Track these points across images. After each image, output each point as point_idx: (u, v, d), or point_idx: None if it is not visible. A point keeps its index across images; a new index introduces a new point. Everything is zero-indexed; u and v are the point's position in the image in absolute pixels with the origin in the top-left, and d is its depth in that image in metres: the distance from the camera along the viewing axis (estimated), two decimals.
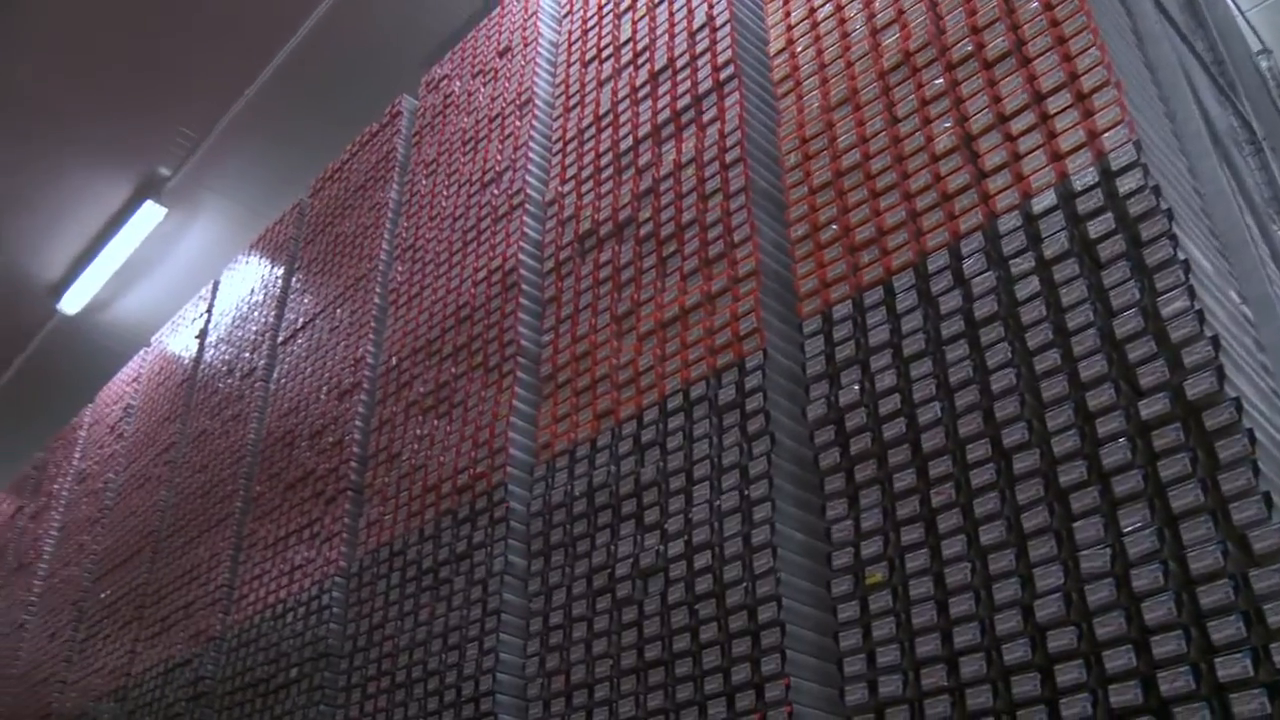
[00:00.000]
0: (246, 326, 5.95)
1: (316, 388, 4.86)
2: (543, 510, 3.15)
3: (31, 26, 7.25)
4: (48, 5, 7.05)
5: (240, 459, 5.21)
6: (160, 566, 5.50)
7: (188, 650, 4.75)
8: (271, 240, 6.18)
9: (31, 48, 7.40)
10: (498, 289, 3.86)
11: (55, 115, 7.95)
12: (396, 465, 3.97)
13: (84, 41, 7.30)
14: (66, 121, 7.99)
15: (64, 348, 10.67)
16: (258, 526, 4.73)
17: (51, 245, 9.34)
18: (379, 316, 4.67)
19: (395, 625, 3.49)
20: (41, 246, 9.38)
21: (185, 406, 6.24)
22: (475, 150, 4.47)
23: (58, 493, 7.84)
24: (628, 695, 2.56)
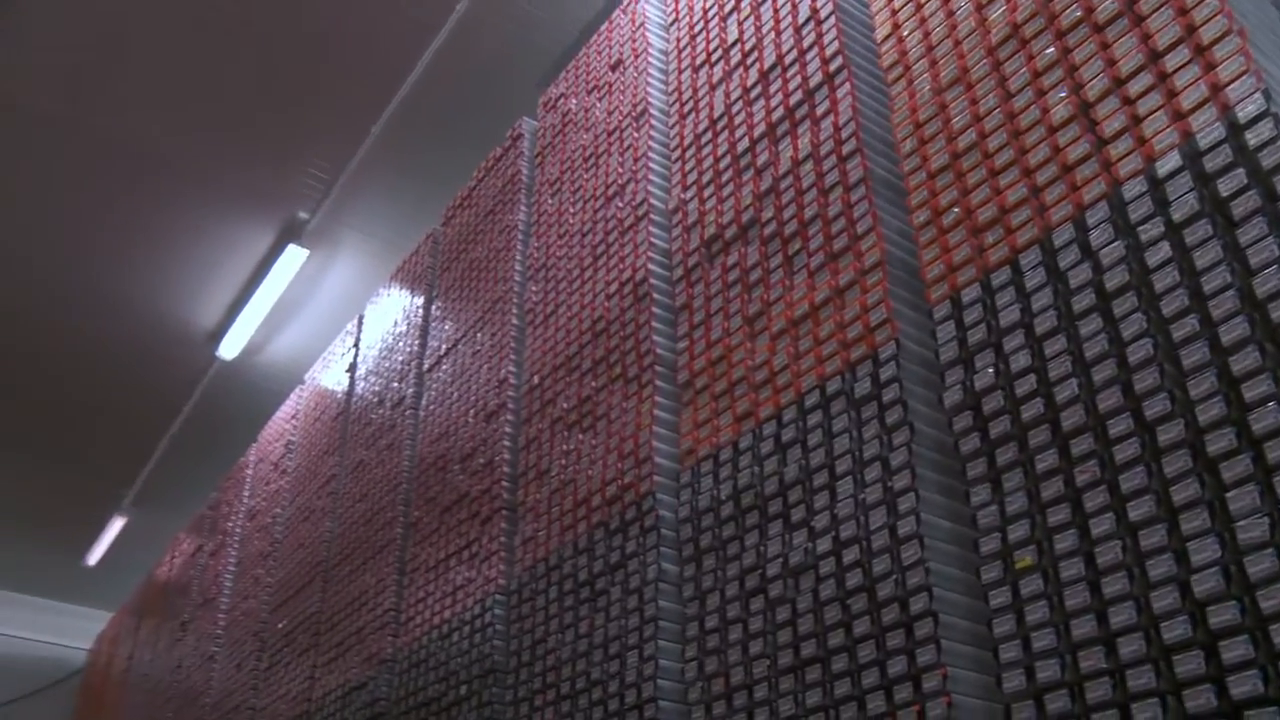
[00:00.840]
0: (393, 357, 6.13)
1: (464, 411, 4.98)
2: (691, 516, 3.19)
3: (165, 95, 7.63)
4: (177, 73, 7.40)
5: (397, 486, 5.37)
6: (331, 595, 5.71)
7: (362, 673, 4.93)
8: (410, 271, 6.36)
9: (167, 114, 7.77)
10: (630, 300, 3.91)
11: (197, 174, 8.35)
12: (546, 481, 4.05)
13: (213, 100, 7.65)
14: (208, 179, 8.38)
15: (226, 392, 11.18)
16: (419, 550, 4.88)
17: (206, 295, 9.80)
18: (518, 337, 4.77)
19: (556, 638, 3.57)
20: (197, 298, 9.86)
21: (342, 439, 6.47)
22: (596, 165, 4.53)
23: (232, 530, 8.20)
24: (786, 694, 2.58)
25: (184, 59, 7.34)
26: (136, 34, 7.19)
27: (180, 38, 7.18)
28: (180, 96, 7.66)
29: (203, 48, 7.24)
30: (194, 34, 7.15)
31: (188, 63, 7.37)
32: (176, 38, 7.19)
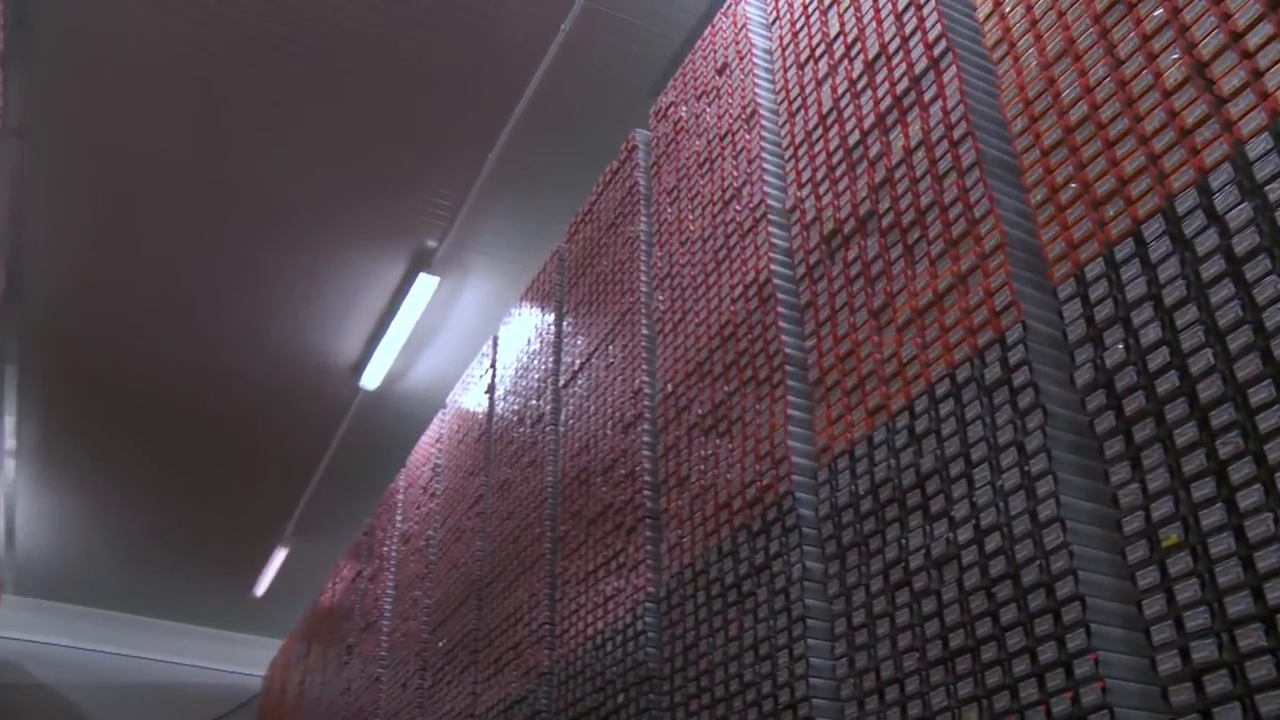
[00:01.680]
0: (529, 375, 6.25)
1: (602, 424, 5.06)
2: (831, 513, 3.20)
3: (288, 142, 7.92)
4: (297, 120, 7.67)
5: (543, 502, 5.47)
6: (487, 612, 5.85)
7: (522, 687, 5.04)
8: (538, 289, 6.47)
9: (292, 160, 8.07)
10: (755, 302, 3.92)
11: (325, 214, 8.65)
12: (687, 488, 4.09)
13: (334, 142, 7.92)
14: (337, 217, 8.68)
15: (371, 421, 11.54)
16: (568, 564, 4.97)
17: (345, 329, 10.13)
18: (649, 347, 4.82)
19: (707, 642, 3.61)
20: (337, 332, 10.20)
21: (486, 459, 6.61)
22: (711, 170, 4.56)
23: (388, 554, 8.44)
24: (938, 686, 2.57)
25: (302, 105, 7.61)
26: (255, 84, 7.48)
27: (296, 85, 7.45)
28: (302, 142, 7.95)
29: (319, 92, 7.50)
30: (309, 80, 7.41)
31: (306, 108, 7.64)
32: (293, 85, 7.46)
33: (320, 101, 7.58)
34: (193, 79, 7.48)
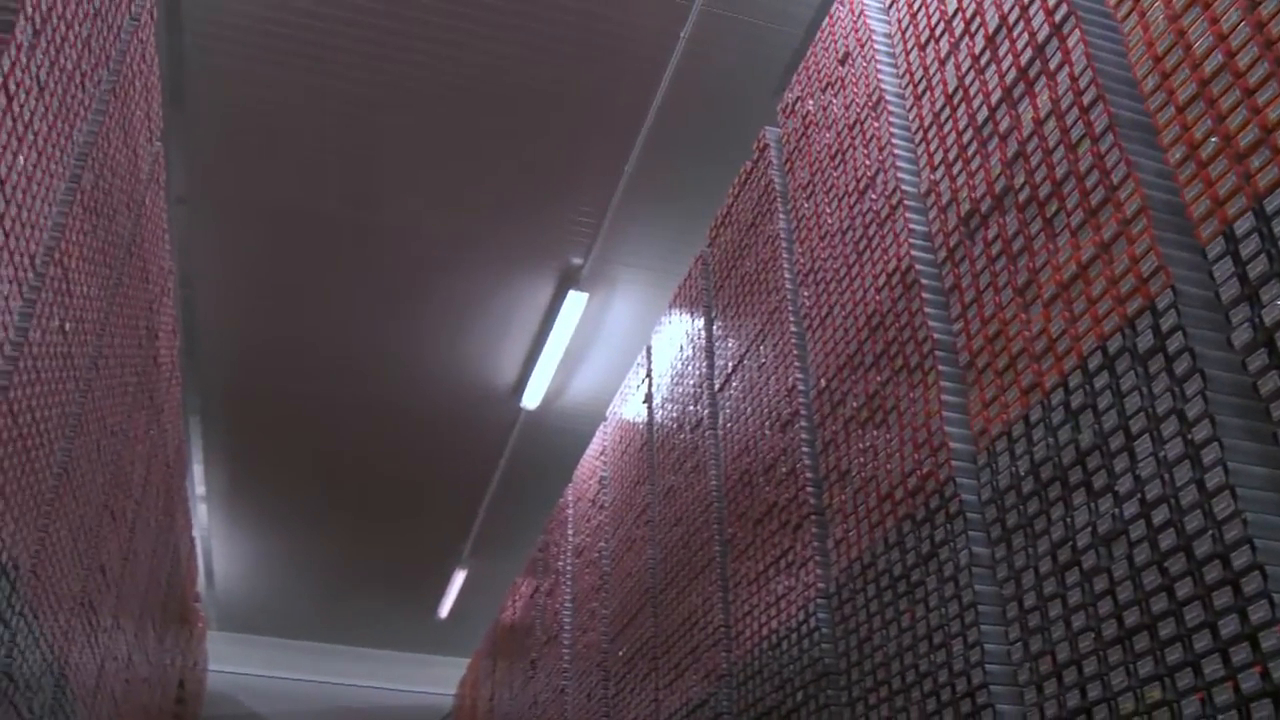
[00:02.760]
0: (684, 382, 6.29)
1: (759, 424, 5.07)
2: (994, 496, 3.15)
3: (427, 177, 8.17)
4: (433, 155, 7.89)
5: (709, 506, 5.50)
6: (662, 619, 5.91)
7: (703, 691, 5.08)
8: (686, 296, 6.51)
9: (433, 194, 8.32)
10: (899, 290, 3.89)
11: (471, 243, 8.90)
12: (849, 482, 4.08)
13: (473, 173, 8.14)
14: (482, 245, 8.93)
15: (535, 439, 11.77)
16: (738, 566, 4.99)
17: (502, 353, 10.37)
18: (799, 343, 4.81)
19: (880, 635, 3.59)
20: (494, 357, 10.44)
21: (650, 468, 6.68)
22: (843, 161, 4.53)
23: (563, 569, 8.59)
24: (1117, 666, 2.50)
25: (440, 142, 7.84)
26: (393, 128, 7.75)
27: (432, 124, 7.68)
28: (444, 177, 8.19)
29: (454, 127, 7.72)
30: (444, 118, 7.64)
31: (444, 145, 7.86)
32: (429, 124, 7.69)
33: (456, 136, 7.79)
34: (335, 132, 7.78)
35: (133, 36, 4.35)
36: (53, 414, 4.07)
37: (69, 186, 3.82)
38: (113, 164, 4.38)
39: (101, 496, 5.26)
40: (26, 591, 4.12)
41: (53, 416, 4.08)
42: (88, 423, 4.68)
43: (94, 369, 4.65)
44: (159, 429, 6.85)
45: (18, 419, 3.62)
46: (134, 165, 4.83)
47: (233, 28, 6.95)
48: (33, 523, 4.08)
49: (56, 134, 3.49)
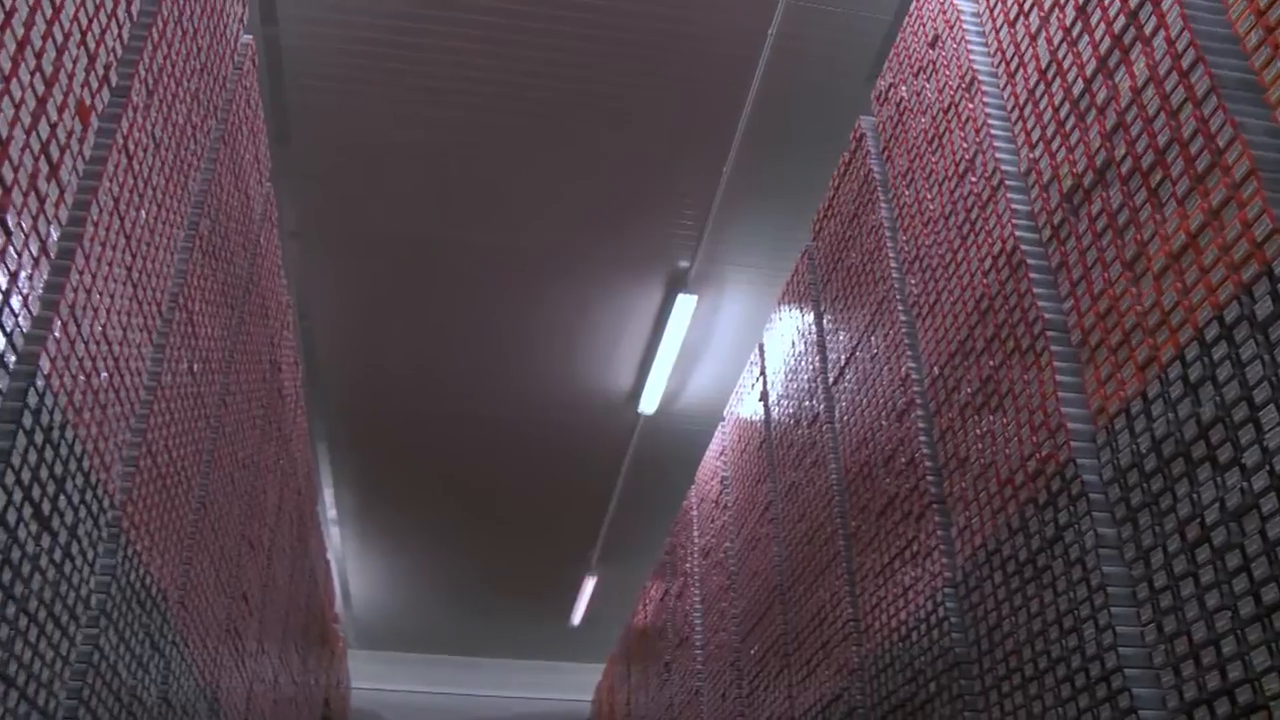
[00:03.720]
0: (798, 377, 6.28)
1: (875, 415, 5.04)
2: (1116, 476, 3.09)
3: (530, 195, 8.29)
4: (533, 172, 8.01)
5: (830, 500, 5.49)
6: (791, 615, 5.90)
7: (835, 686, 5.06)
8: (794, 291, 6.50)
9: (538, 210, 8.44)
10: (1006, 272, 3.84)
11: (579, 255, 9.01)
12: (968, 468, 4.04)
13: (574, 187, 8.22)
14: (589, 256, 9.03)
15: (655, 443, 11.84)
16: (863, 559, 4.97)
17: (616, 360, 10.46)
18: (909, 332, 4.78)
19: (1010, 622, 3.55)
20: (609, 365, 10.54)
21: (770, 465, 6.68)
22: (941, 146, 4.49)
23: (690, 570, 8.63)
24: (1257, 645, 2.44)
25: (540, 157, 7.96)
26: (496, 149, 7.88)
27: (531, 140, 7.79)
28: (546, 191, 8.31)
29: (553, 141, 7.82)
30: (542, 133, 7.75)
31: (544, 159, 7.98)
32: (528, 141, 7.80)
33: (555, 151, 7.90)
34: (435, 157, 7.94)
35: (237, 85, 4.50)
36: (188, 451, 4.23)
37: (188, 234, 3.97)
38: (227, 208, 4.54)
39: (239, 527, 5.45)
40: (176, 621, 4.29)
41: (188, 454, 4.24)
42: (221, 457, 4.86)
43: (223, 405, 4.83)
44: (288, 458, 7.06)
45: (156, 459, 3.78)
46: (247, 207, 5.00)
47: (330, 65, 7.15)
48: (177, 556, 4.25)
49: (173, 185, 3.64)
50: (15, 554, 2.63)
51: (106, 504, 3.29)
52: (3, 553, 2.55)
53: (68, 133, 2.66)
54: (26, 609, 2.74)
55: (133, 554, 3.61)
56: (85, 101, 2.75)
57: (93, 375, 3.03)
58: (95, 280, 2.96)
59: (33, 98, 2.43)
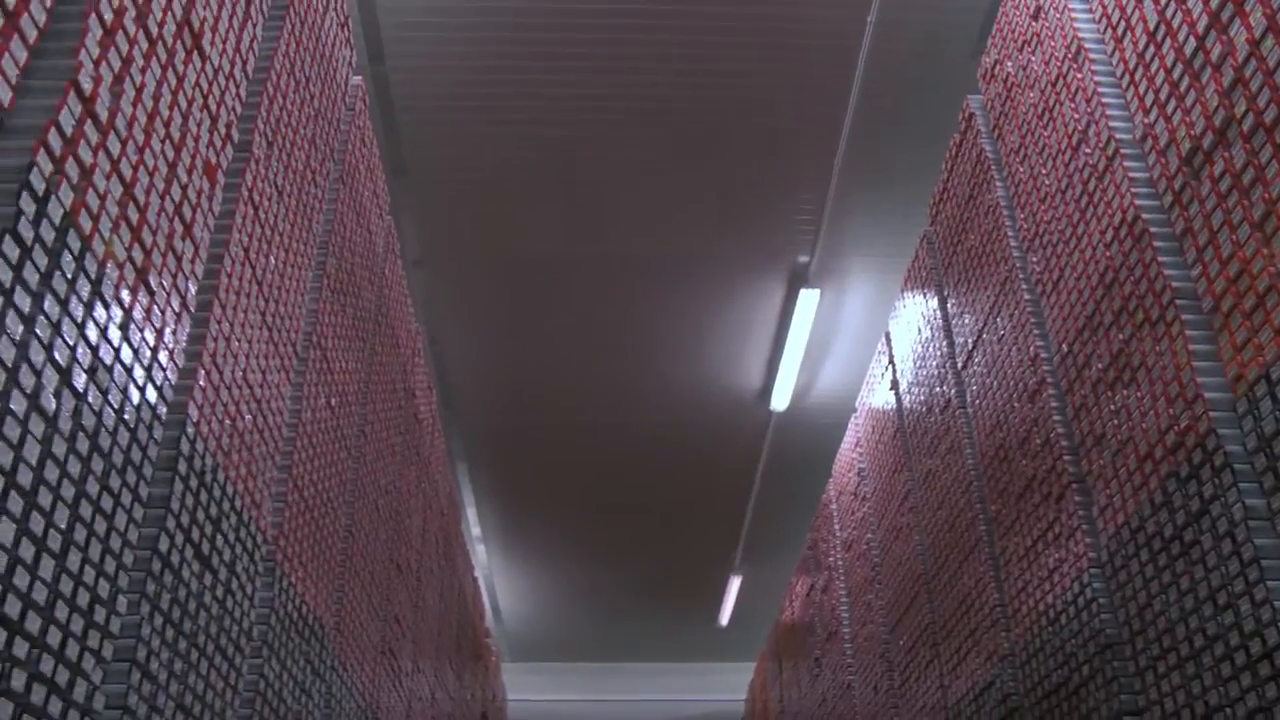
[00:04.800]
0: (928, 364, 6.22)
1: (1007, 397, 4.97)
2: (1260, 444, 3.01)
3: (646, 203, 8.37)
4: (647, 182, 8.07)
5: (969, 486, 5.42)
6: (938, 604, 5.85)
7: (987, 673, 5.00)
8: (916, 277, 6.44)
9: (656, 217, 8.50)
10: (1129, 243, 3.76)
11: (699, 260, 9.10)
12: (1105, 445, 3.96)
13: (689, 192, 8.28)
14: (714, 259, 9.11)
15: (789, 439, 11.82)
16: (1005, 542, 4.90)
17: (744, 360, 10.48)
18: (1034, 311, 4.70)
19: (1161, 601, 3.47)
20: (738, 365, 10.57)
21: (905, 454, 6.62)
22: (1051, 119, 4.41)
23: (834, 564, 8.59)
24: None
25: (655, 165, 8.03)
26: (611, 161, 7.98)
27: (646, 149, 7.87)
28: (663, 199, 8.39)
29: (667, 148, 7.88)
30: (654, 141, 7.82)
31: (659, 167, 8.05)
32: (643, 150, 7.88)
33: (667, 158, 7.97)
34: (550, 174, 8.08)
35: (350, 126, 4.66)
36: (332, 483, 4.39)
37: (316, 274, 4.13)
38: (351, 245, 4.70)
39: (386, 551, 5.62)
40: (334, 647, 4.45)
41: (333, 485, 4.40)
42: (364, 485, 5.02)
43: (362, 435, 4.99)
44: (429, 481, 7.25)
45: (303, 492, 3.93)
46: (370, 242, 5.16)
47: (438, 96, 7.33)
48: (330, 584, 4.41)
49: (298, 229, 3.78)
50: (181, 593, 2.77)
51: (260, 540, 3.44)
52: (170, 592, 2.70)
53: (197, 192, 2.80)
54: (196, 643, 2.88)
55: (288, 585, 3.76)
56: (211, 161, 2.89)
57: (238, 419, 3.18)
58: (233, 328, 3.10)
59: (164, 163, 2.56)
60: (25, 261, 1.95)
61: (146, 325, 2.51)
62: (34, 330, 2.00)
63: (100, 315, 2.28)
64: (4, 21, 1.89)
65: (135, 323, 2.45)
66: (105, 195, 2.27)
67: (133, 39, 2.36)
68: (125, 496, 2.42)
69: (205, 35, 2.81)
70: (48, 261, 2.04)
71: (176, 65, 2.62)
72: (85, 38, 2.12)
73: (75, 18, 2.12)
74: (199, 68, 2.78)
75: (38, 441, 2.03)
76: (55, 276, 2.07)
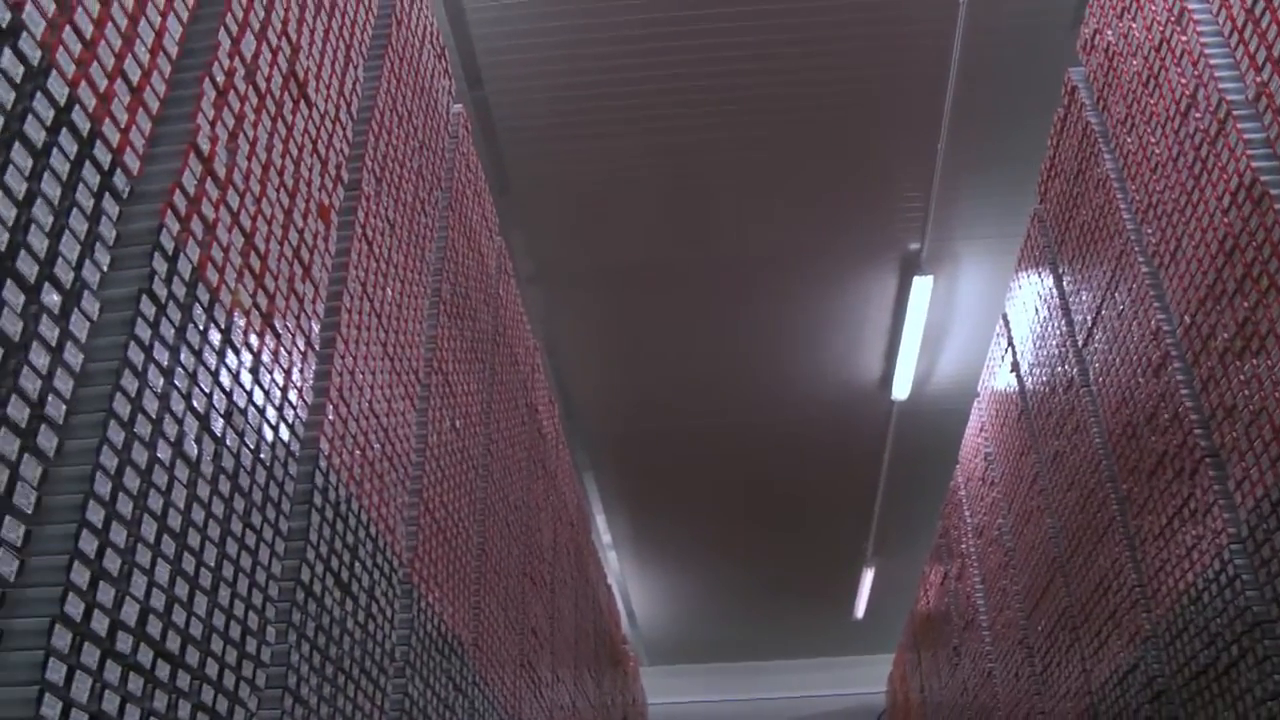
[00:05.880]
0: (1047, 344, 6.12)
1: (1131, 373, 4.87)
2: None
3: (752, 205, 8.37)
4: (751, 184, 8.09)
5: (1098, 465, 5.32)
6: (1074, 587, 5.75)
7: (1130, 655, 4.90)
8: (1029, 257, 6.34)
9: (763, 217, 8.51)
10: (1248, 207, 3.66)
11: (810, 253, 9.10)
12: (1237, 417, 3.86)
13: (794, 189, 8.27)
14: (824, 253, 9.10)
15: (912, 428, 11.73)
16: (1140, 521, 4.80)
17: (863, 351, 10.45)
18: (1153, 283, 4.60)
19: None
20: (856, 357, 10.54)
21: (1031, 436, 6.52)
22: (1157, 86, 4.32)
23: (967, 551, 8.49)
24: None
25: (754, 163, 8.06)
26: (714, 164, 8.03)
27: (742, 147, 7.91)
28: (770, 195, 8.42)
29: (765, 146, 7.90)
30: (752, 139, 7.85)
31: (759, 165, 8.07)
32: (739, 149, 7.92)
33: (772, 155, 7.99)
34: (656, 180, 8.17)
35: (455, 153, 4.77)
36: (461, 503, 4.50)
37: (432, 301, 4.24)
38: (464, 269, 4.81)
39: (518, 566, 5.73)
40: (473, 663, 4.57)
41: (462, 505, 4.51)
42: (493, 503, 5.13)
43: (488, 454, 5.10)
44: (557, 493, 7.36)
45: (434, 514, 4.04)
46: (482, 264, 5.28)
47: (538, 114, 7.46)
48: (466, 602, 4.52)
49: (412, 259, 3.90)
50: (325, 619, 2.89)
51: (396, 563, 3.55)
52: (315, 619, 2.81)
53: (313, 234, 2.91)
54: (342, 667, 3.00)
55: (426, 605, 3.87)
56: (324, 202, 3.00)
57: (367, 448, 3.29)
58: (356, 362, 3.22)
59: (280, 211, 2.68)
60: (161, 318, 2.07)
61: (275, 367, 2.63)
62: (173, 382, 2.11)
63: (232, 361, 2.39)
64: (131, 97, 2.01)
65: (264, 365, 2.56)
66: (228, 247, 2.38)
67: (243, 96, 2.47)
68: (267, 532, 2.53)
69: (310, 84, 2.93)
70: (181, 316, 2.15)
71: (285, 115, 2.73)
72: (201, 101, 2.23)
73: (191, 84, 2.23)
74: (306, 115, 2.89)
75: (184, 486, 2.14)
76: (189, 329, 2.18)
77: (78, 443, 1.85)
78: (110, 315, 1.95)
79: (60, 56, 1.80)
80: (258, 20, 2.56)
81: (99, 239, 1.93)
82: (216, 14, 2.37)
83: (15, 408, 1.67)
